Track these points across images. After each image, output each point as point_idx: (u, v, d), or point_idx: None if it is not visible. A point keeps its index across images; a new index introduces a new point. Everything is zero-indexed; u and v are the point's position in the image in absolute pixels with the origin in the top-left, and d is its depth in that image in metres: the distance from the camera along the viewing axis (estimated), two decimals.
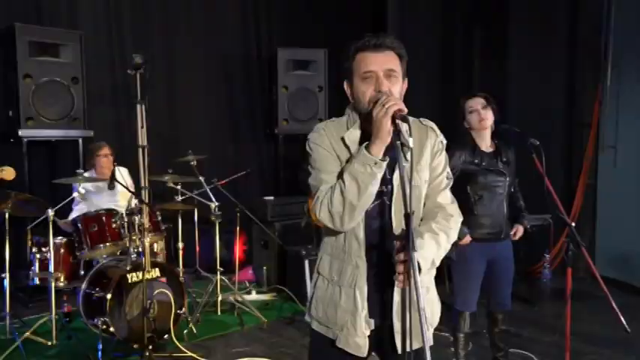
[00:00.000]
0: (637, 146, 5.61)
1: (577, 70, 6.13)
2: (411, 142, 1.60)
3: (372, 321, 1.91)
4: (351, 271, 1.89)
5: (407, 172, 1.65)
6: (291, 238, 5.51)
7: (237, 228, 5.24)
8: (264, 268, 5.64)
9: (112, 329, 3.86)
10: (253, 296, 5.38)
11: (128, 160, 5.54)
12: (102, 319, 3.85)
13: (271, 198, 5.91)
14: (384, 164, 1.75)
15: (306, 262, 5.18)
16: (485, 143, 3.34)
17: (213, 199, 4.79)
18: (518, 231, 3.48)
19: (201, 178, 4.83)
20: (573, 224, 2.94)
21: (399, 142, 1.66)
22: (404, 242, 1.60)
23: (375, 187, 1.77)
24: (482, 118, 3.25)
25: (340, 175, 1.82)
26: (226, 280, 5.04)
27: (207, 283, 5.36)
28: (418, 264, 1.64)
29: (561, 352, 4.20)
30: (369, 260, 1.87)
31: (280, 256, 5.56)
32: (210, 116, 6.75)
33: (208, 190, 4.84)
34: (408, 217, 1.55)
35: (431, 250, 1.81)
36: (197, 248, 5.84)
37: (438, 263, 1.87)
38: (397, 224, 1.85)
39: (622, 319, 2.98)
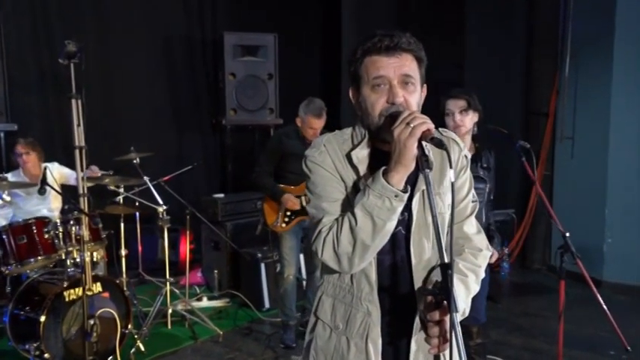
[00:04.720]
0: (594, 137, 5.53)
1: (535, 58, 5.99)
2: (452, 174, 1.26)
3: None
4: (361, 318, 1.55)
5: (438, 207, 1.32)
6: (244, 239, 5.11)
7: (187, 231, 4.79)
8: (215, 271, 5.22)
9: (46, 355, 3.42)
10: (204, 303, 4.98)
11: (61, 158, 4.97)
12: (34, 344, 3.41)
13: (221, 195, 5.49)
14: (406, 196, 1.41)
15: (262, 265, 4.85)
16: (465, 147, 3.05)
17: (161, 202, 4.31)
18: (494, 256, 3.04)
19: (145, 178, 4.33)
20: (568, 235, 2.72)
21: (428, 171, 1.32)
22: (439, 298, 1.27)
23: (393, 223, 1.44)
24: (457, 124, 2.93)
25: (347, 207, 1.48)
26: (176, 290, 4.60)
27: (152, 288, 4.95)
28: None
29: (533, 356, 4.10)
30: (382, 305, 1.54)
31: (233, 258, 5.17)
32: (150, 107, 6.18)
33: (154, 191, 4.35)
34: (446, 268, 1.22)
35: (462, 299, 1.49)
36: (139, 249, 5.35)
37: (467, 313, 1.55)
38: (417, 260, 1.54)
39: (618, 331, 2.79)
